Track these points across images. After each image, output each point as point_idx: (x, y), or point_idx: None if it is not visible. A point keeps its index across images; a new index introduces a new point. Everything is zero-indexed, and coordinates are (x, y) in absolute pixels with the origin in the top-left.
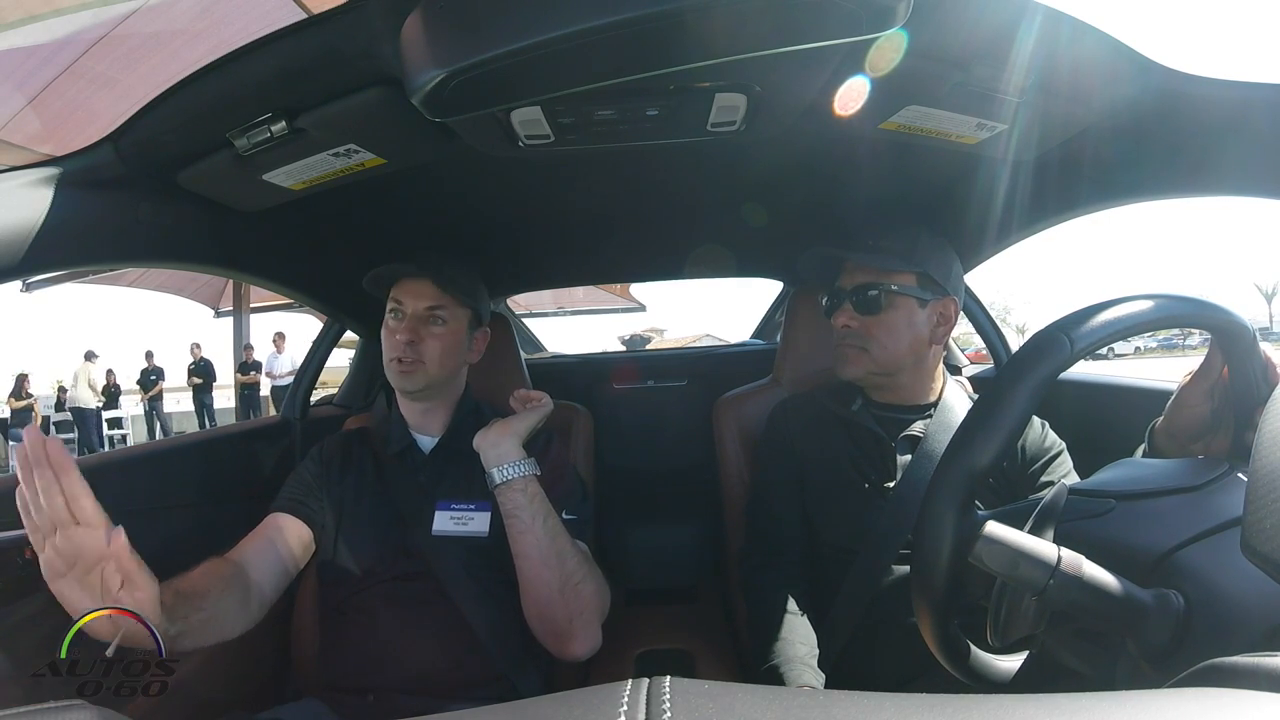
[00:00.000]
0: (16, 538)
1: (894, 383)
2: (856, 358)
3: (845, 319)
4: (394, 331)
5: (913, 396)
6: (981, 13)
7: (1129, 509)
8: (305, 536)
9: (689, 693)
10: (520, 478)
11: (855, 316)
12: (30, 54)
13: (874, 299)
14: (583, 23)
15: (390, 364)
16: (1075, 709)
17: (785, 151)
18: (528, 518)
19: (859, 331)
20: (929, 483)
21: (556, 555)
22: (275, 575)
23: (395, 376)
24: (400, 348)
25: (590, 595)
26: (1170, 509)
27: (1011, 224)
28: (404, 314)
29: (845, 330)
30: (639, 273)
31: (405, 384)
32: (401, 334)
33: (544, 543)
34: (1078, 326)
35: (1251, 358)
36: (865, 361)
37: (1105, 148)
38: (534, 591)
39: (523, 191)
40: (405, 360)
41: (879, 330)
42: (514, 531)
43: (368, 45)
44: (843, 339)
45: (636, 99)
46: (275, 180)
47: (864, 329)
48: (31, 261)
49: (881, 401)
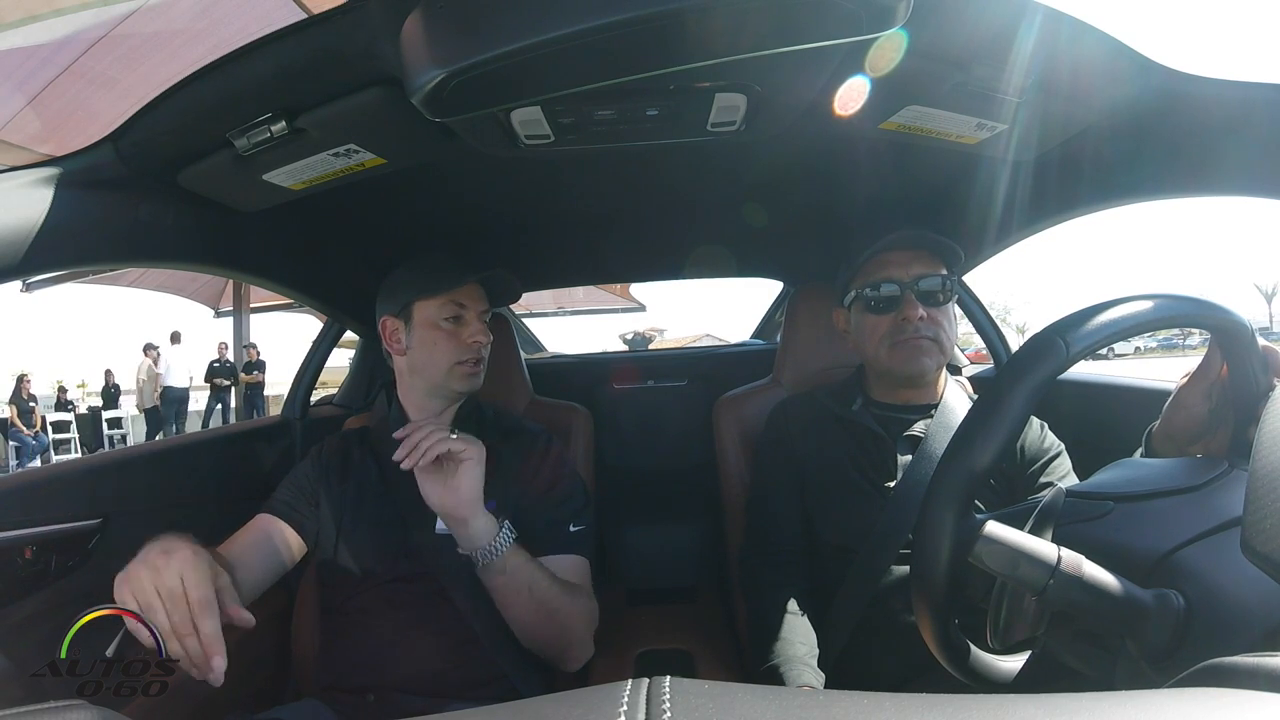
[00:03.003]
0: (16, 538)
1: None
2: (932, 350)
3: (917, 311)
4: (463, 334)
5: (918, 396)
6: (981, 13)
7: (1128, 510)
8: (294, 542)
9: (689, 693)
10: (501, 557)
11: (922, 308)
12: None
13: (939, 289)
14: (583, 23)
15: (455, 368)
16: (1075, 709)
17: (785, 151)
18: (514, 589)
19: (929, 323)
20: (929, 484)
21: (547, 614)
22: (259, 577)
23: (462, 380)
24: (475, 349)
25: (581, 624)
26: (1169, 510)
27: (1011, 224)
28: (468, 316)
29: (921, 323)
30: (639, 273)
31: (474, 385)
32: (479, 335)
33: (531, 607)
34: (1074, 329)
35: (1250, 355)
36: (938, 355)
37: (1105, 148)
38: (525, 636)
39: (523, 191)
40: (473, 361)
41: (946, 321)
42: (501, 602)
43: (368, 45)
44: (917, 331)
45: (636, 99)
46: (275, 180)
47: (933, 320)
48: (31, 261)
49: (884, 401)
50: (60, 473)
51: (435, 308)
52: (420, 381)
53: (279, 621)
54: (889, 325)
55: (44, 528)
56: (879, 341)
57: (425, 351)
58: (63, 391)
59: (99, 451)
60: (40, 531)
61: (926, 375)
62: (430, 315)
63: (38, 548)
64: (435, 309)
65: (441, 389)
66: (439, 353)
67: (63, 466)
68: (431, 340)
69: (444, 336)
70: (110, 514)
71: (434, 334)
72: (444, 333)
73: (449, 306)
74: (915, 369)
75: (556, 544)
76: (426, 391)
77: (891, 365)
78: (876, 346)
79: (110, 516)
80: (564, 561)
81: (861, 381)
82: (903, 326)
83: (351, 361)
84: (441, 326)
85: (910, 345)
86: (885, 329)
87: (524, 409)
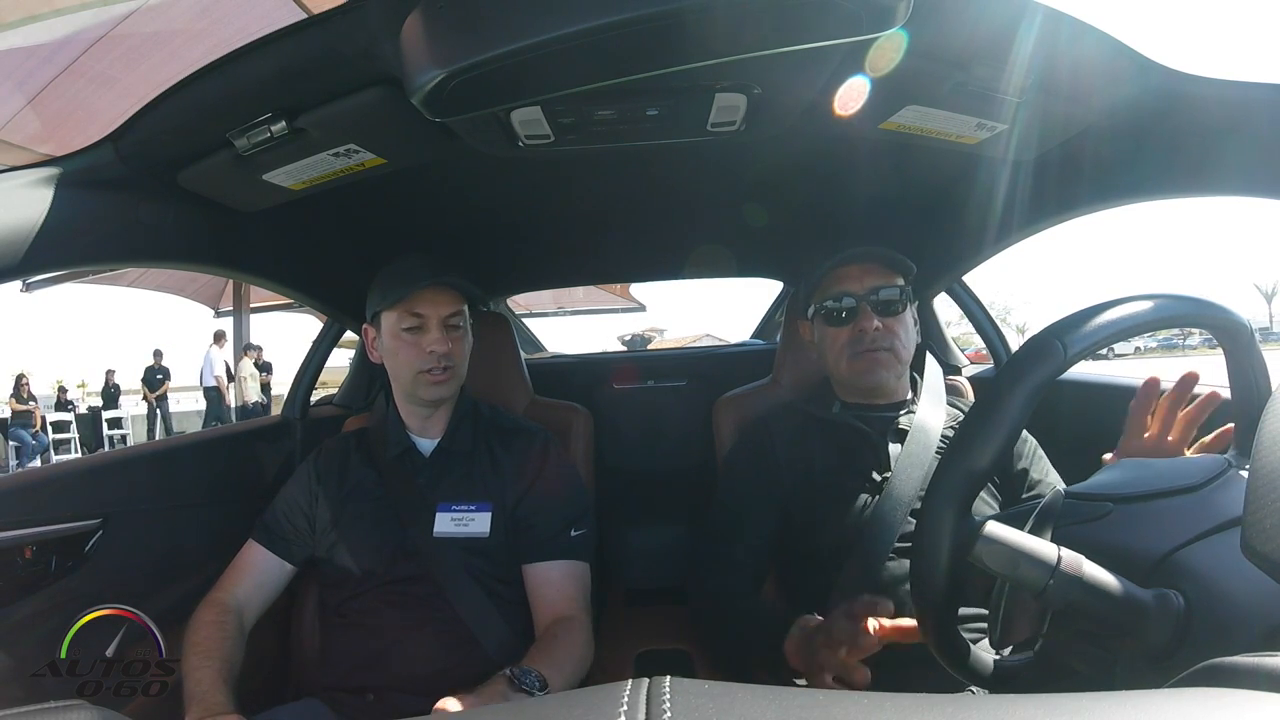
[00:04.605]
0: (16, 538)
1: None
2: (889, 361)
3: (873, 322)
4: (421, 343)
5: (892, 395)
6: (981, 13)
7: (1127, 511)
8: (285, 569)
9: (689, 693)
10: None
11: (878, 319)
12: (30, 54)
13: (893, 300)
14: (583, 23)
15: (420, 377)
16: (1075, 709)
17: (785, 151)
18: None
19: (884, 334)
20: (929, 485)
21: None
22: (259, 608)
23: (428, 388)
24: (434, 359)
25: (587, 659)
26: (1168, 511)
27: (1011, 224)
28: (427, 325)
29: (877, 334)
30: (639, 273)
31: (441, 393)
32: (436, 344)
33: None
34: (1071, 331)
35: (1250, 355)
36: (895, 365)
37: (1105, 148)
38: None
39: (523, 191)
40: (439, 369)
41: (902, 330)
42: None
43: (368, 45)
44: (874, 343)
45: (636, 99)
46: (275, 180)
47: (889, 330)
48: (31, 261)
49: (860, 403)
50: (60, 473)
51: (395, 318)
52: (398, 388)
53: (279, 621)
54: (847, 336)
55: (44, 528)
56: (839, 353)
57: (391, 361)
58: (63, 391)
59: (99, 451)
60: (40, 531)
61: (885, 387)
62: (392, 325)
63: (38, 548)
64: (395, 319)
65: (413, 396)
66: (402, 362)
67: (63, 466)
68: (394, 350)
69: (404, 346)
70: (110, 514)
71: (396, 343)
72: (405, 342)
73: (406, 316)
74: (873, 381)
75: (557, 550)
76: (404, 398)
77: (851, 377)
78: (837, 357)
79: (110, 517)
80: (564, 568)
81: (833, 387)
82: (860, 338)
83: (351, 361)
84: (402, 336)
85: (868, 358)
86: (844, 340)
87: (524, 409)
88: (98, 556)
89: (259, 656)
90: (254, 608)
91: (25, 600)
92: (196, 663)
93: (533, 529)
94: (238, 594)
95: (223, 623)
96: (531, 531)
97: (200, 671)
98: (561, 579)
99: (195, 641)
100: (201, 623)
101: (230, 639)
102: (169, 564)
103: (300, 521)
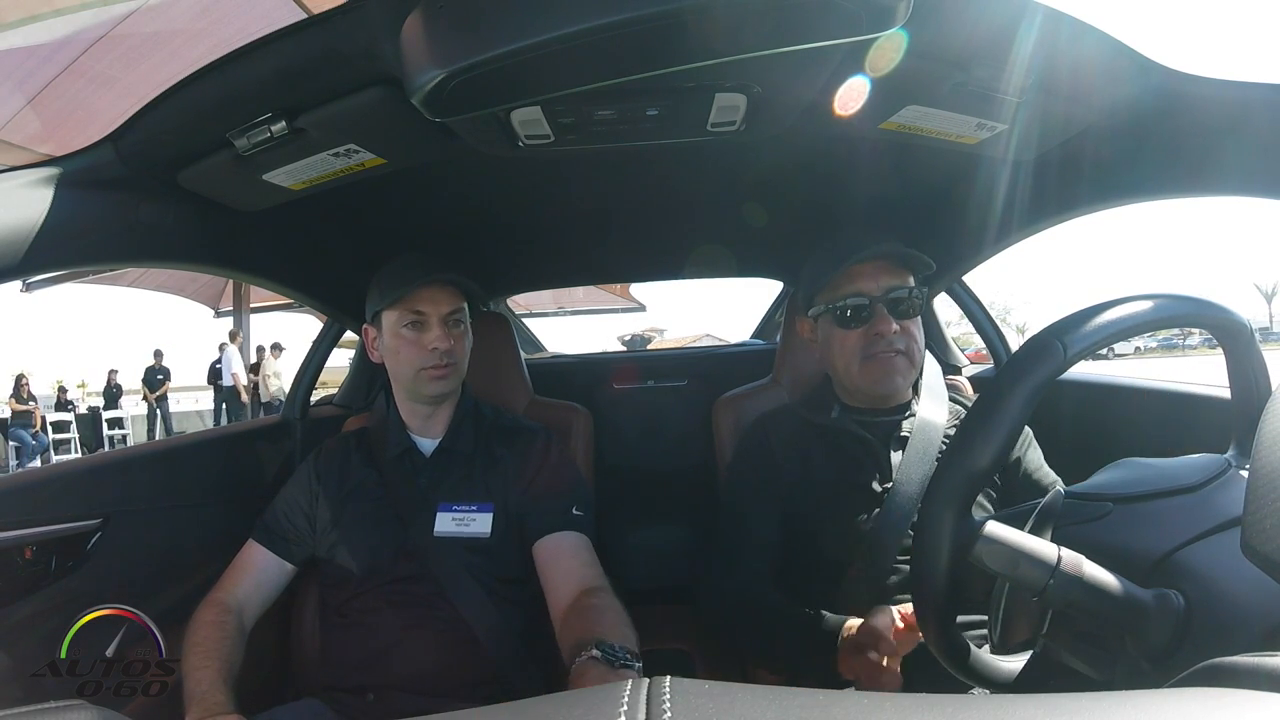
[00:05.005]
0: (16, 538)
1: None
2: (904, 366)
3: (890, 325)
4: (422, 341)
5: (894, 399)
6: (981, 13)
7: (1127, 512)
8: (285, 569)
9: (689, 693)
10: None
11: (894, 322)
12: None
13: (910, 301)
14: (583, 23)
15: (421, 374)
16: (1075, 709)
17: (785, 151)
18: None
19: (901, 335)
20: (928, 486)
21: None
22: (260, 607)
23: (430, 385)
24: (436, 356)
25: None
26: (1168, 511)
27: (1011, 224)
28: (428, 322)
29: (895, 336)
30: (639, 273)
31: (443, 388)
32: (438, 341)
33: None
34: (1071, 331)
35: (1250, 355)
36: (909, 371)
37: (1105, 148)
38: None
39: (523, 191)
40: (440, 366)
41: (916, 331)
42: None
43: (368, 45)
44: (890, 345)
45: (636, 99)
46: (275, 180)
47: (904, 332)
48: (31, 261)
49: (861, 407)
50: (60, 473)
51: (395, 316)
52: (399, 387)
53: (279, 621)
54: (859, 339)
55: (44, 528)
56: (850, 356)
57: (392, 359)
58: (63, 391)
59: (99, 451)
60: (40, 531)
61: (898, 394)
62: (392, 324)
63: (38, 548)
64: (395, 318)
65: (415, 394)
66: (403, 360)
67: (63, 466)
68: (395, 348)
69: (406, 344)
70: (110, 514)
71: (397, 342)
72: (406, 340)
73: (407, 314)
74: (888, 388)
75: (559, 523)
76: (406, 396)
77: (863, 383)
78: (848, 361)
79: (110, 516)
80: (568, 539)
81: (833, 390)
82: (875, 341)
83: (351, 362)
84: (403, 334)
85: (882, 361)
86: (855, 343)
87: (524, 409)
88: (98, 556)
89: (259, 656)
90: (254, 607)
91: (25, 600)
92: (196, 663)
93: (537, 511)
94: (238, 594)
95: (223, 623)
96: (536, 513)
97: (200, 671)
98: (576, 547)
99: (195, 641)
100: (201, 623)
101: (230, 639)
102: (169, 564)
103: (300, 521)
